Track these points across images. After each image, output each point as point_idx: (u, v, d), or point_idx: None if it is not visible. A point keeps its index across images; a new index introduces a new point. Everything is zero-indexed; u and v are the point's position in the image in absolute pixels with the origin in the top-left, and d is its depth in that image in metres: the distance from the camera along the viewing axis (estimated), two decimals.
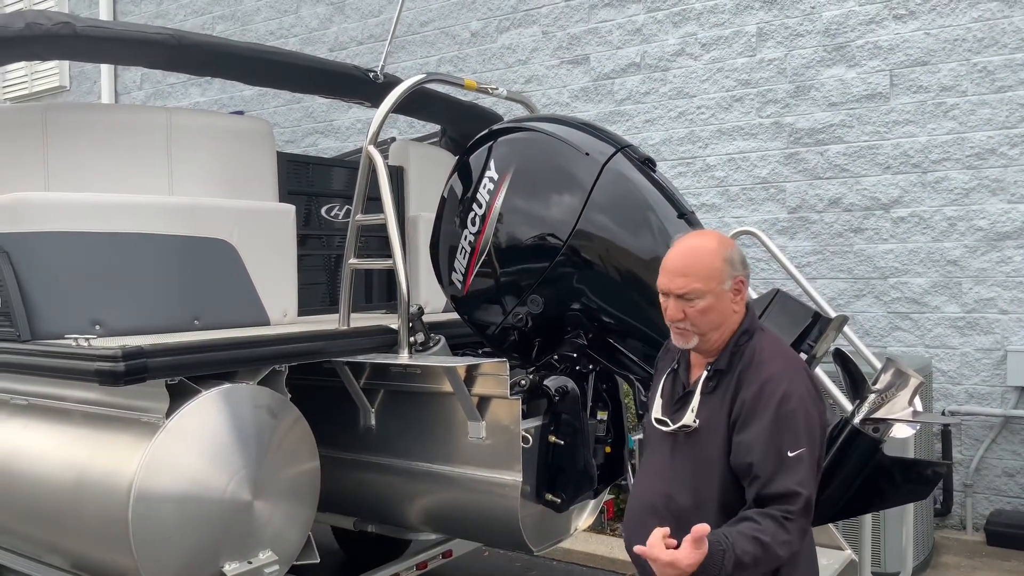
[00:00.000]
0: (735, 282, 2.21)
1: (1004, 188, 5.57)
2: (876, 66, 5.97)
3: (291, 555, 3.11)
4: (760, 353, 2.20)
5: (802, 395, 2.15)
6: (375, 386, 3.53)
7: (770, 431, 2.11)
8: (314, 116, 8.81)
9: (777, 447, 2.10)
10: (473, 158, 3.43)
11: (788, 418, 2.12)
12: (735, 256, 2.23)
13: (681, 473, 2.24)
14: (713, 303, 2.20)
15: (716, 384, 2.22)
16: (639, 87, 6.91)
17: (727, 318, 2.23)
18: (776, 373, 2.16)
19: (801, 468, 2.10)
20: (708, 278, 2.19)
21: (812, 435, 2.15)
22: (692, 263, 2.21)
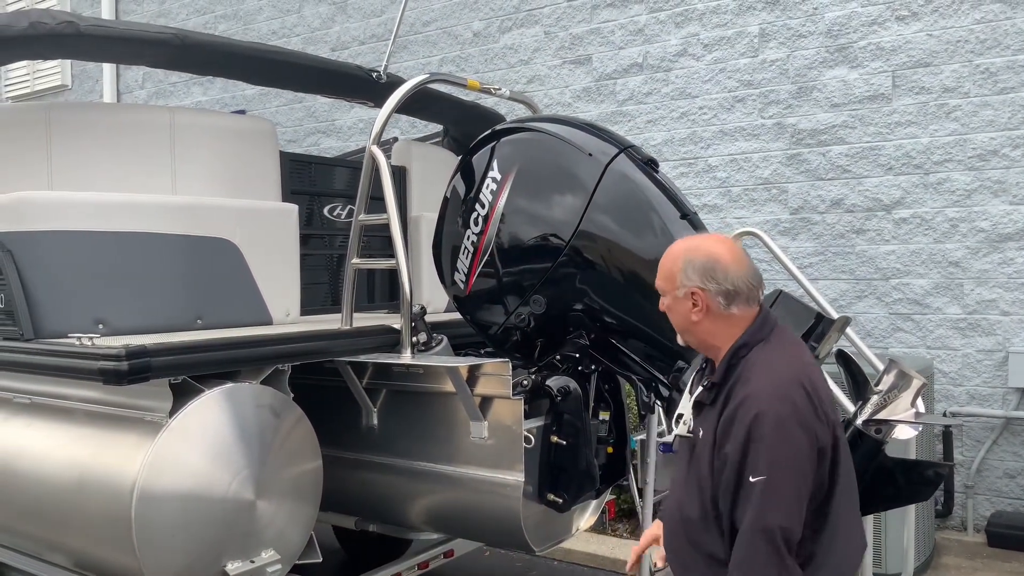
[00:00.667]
0: (688, 292, 2.16)
1: (1006, 190, 5.56)
2: (878, 67, 5.97)
3: (293, 554, 3.11)
4: (750, 369, 2.11)
5: (779, 416, 2.00)
6: (377, 386, 3.53)
7: (738, 453, 2.02)
8: (316, 116, 8.81)
9: (739, 471, 2.01)
10: (476, 158, 3.43)
11: (756, 441, 2.00)
12: (694, 267, 2.16)
13: (691, 481, 2.19)
14: (670, 304, 2.23)
15: (714, 397, 2.16)
16: (641, 87, 6.91)
17: (689, 325, 2.21)
18: (755, 392, 2.04)
19: (761, 497, 1.97)
20: (664, 279, 2.24)
21: (782, 461, 1.99)
22: (662, 262, 2.26)
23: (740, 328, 2.17)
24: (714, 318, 2.17)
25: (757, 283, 2.20)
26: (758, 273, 2.22)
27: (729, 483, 2.03)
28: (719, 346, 2.19)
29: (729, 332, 2.18)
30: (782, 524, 1.97)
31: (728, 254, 2.18)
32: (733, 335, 2.17)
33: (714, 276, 2.14)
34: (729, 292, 2.14)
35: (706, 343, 2.22)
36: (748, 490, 1.99)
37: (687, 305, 2.18)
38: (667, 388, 3.08)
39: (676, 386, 2.98)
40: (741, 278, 2.15)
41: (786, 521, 1.98)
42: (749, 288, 2.17)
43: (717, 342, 2.19)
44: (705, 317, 2.17)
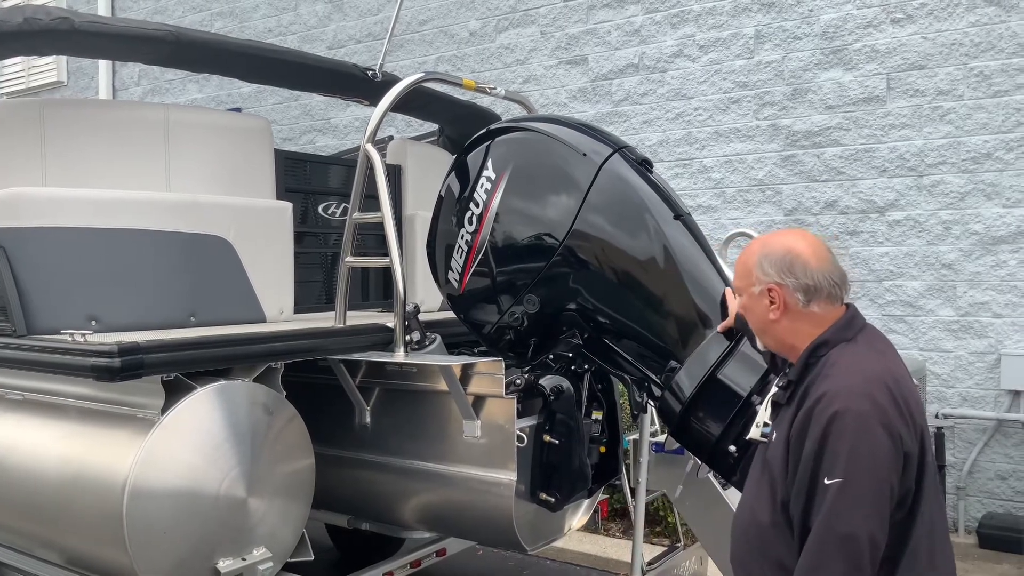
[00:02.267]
0: (765, 288, 2.04)
1: (999, 192, 5.59)
2: (873, 69, 5.99)
3: (285, 552, 3.11)
4: (831, 367, 1.96)
5: (859, 414, 1.85)
6: (371, 384, 3.53)
7: (812, 453, 1.87)
8: (312, 114, 8.81)
9: (814, 472, 1.86)
10: (471, 157, 3.43)
11: (833, 440, 1.85)
12: (771, 261, 2.04)
13: (761, 486, 2.07)
14: (747, 303, 2.12)
15: (790, 396, 2.03)
16: (637, 88, 6.92)
17: (768, 325, 2.08)
18: (834, 389, 1.90)
19: (835, 500, 1.82)
20: (740, 276, 2.14)
21: (861, 464, 1.83)
22: (739, 260, 2.15)
23: (820, 328, 2.02)
24: (793, 317, 2.03)
25: (840, 280, 2.05)
26: (842, 271, 2.07)
27: (802, 485, 1.89)
28: (799, 347, 2.05)
29: (809, 332, 2.03)
30: (857, 531, 1.82)
31: (808, 248, 2.04)
32: (813, 335, 2.02)
33: (792, 271, 2.01)
34: (809, 288, 2.00)
35: (785, 344, 2.09)
36: (822, 492, 1.84)
37: (764, 303, 2.06)
38: (659, 388, 3.08)
39: (668, 386, 2.99)
40: (822, 273, 2.01)
41: (862, 528, 1.82)
42: (831, 285, 2.02)
43: (797, 343, 2.05)
44: (783, 316, 2.04)
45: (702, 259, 3.11)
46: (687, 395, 2.93)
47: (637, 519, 3.82)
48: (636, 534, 3.81)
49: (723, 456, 2.90)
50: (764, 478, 2.07)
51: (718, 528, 3.72)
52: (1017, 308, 5.55)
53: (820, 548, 1.84)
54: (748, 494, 2.19)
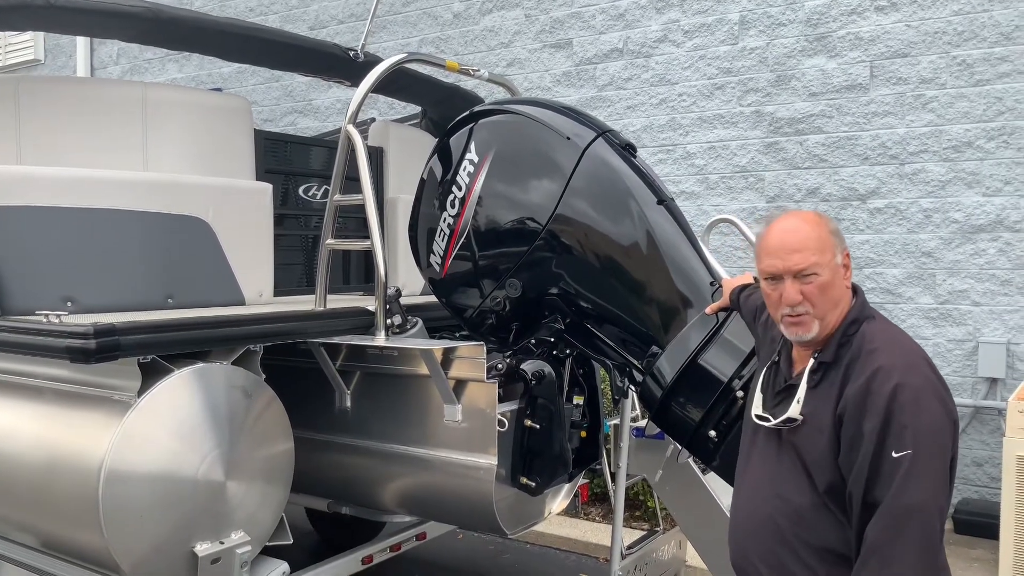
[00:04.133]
0: (844, 256, 2.04)
1: (980, 181, 5.62)
2: (857, 57, 6.00)
3: (264, 536, 3.09)
4: (870, 342, 1.97)
5: (918, 388, 1.88)
6: (351, 368, 3.51)
7: (877, 428, 1.87)
8: (293, 95, 8.72)
9: (881, 447, 1.86)
10: (453, 140, 3.40)
11: (898, 413, 1.86)
12: (835, 231, 2.05)
13: (792, 472, 2.04)
14: (830, 279, 2.02)
15: (822, 377, 2.01)
16: (621, 73, 6.90)
17: (842, 297, 2.04)
18: (888, 363, 1.91)
19: (907, 473, 1.83)
20: (822, 250, 2.01)
21: (927, 435, 1.86)
22: (804, 237, 2.03)
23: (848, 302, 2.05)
24: (850, 282, 2.07)
25: None
26: None
27: (866, 461, 1.87)
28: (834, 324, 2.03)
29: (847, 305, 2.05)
30: (929, 500, 1.84)
31: None
32: (847, 310, 2.04)
33: (843, 238, 2.07)
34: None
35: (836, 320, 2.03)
36: (892, 466, 1.84)
37: (842, 273, 2.03)
38: (641, 373, 3.08)
39: (649, 371, 2.99)
40: None
41: (936, 499, 1.85)
42: None
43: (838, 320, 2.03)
44: (850, 283, 2.07)
45: (685, 245, 3.10)
46: (668, 380, 2.93)
47: (617, 504, 3.83)
48: (616, 518, 3.82)
49: (703, 441, 2.90)
50: (792, 463, 2.04)
51: (697, 512, 3.74)
52: (995, 296, 5.60)
53: (895, 520, 1.84)
54: (760, 486, 2.15)
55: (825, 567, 1.99)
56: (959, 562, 5.00)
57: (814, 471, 2.00)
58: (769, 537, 2.08)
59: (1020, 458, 4.44)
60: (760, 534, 2.10)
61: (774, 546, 2.07)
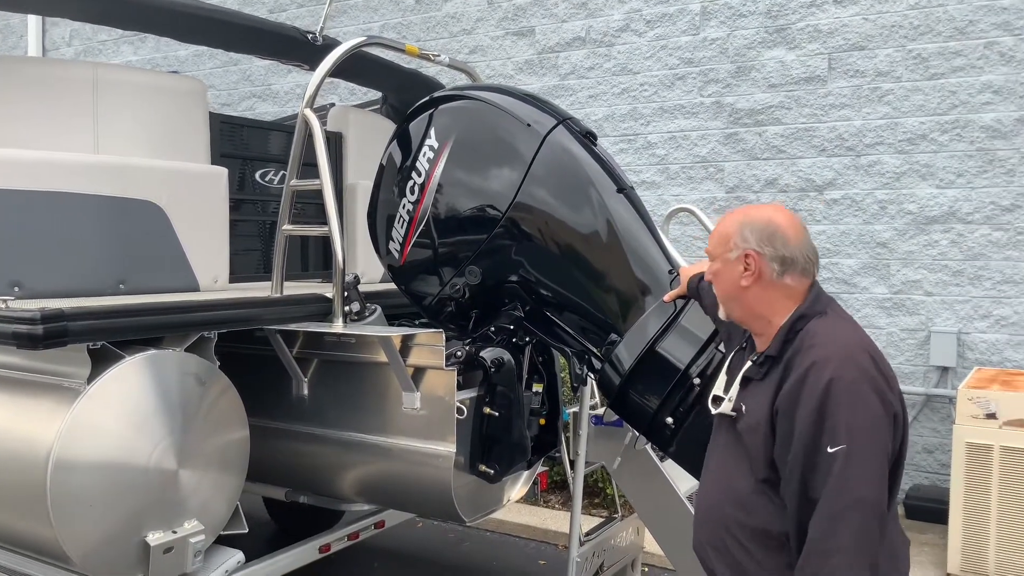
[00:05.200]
0: (741, 255, 2.07)
1: (933, 173, 5.72)
2: (815, 49, 6.06)
3: (218, 525, 3.05)
4: (812, 337, 1.99)
5: (853, 380, 1.89)
6: (308, 355, 3.47)
7: (811, 423, 1.88)
8: (252, 79, 8.58)
9: (816, 442, 1.88)
10: (413, 125, 3.37)
11: (832, 407, 1.87)
12: (752, 229, 2.07)
13: (737, 459, 2.09)
14: (719, 269, 2.14)
15: (767, 371, 2.05)
16: (583, 62, 6.90)
17: (740, 291, 2.10)
18: (823, 356, 1.93)
19: (842, 468, 1.85)
20: (717, 242, 2.15)
21: (861, 430, 1.87)
22: (717, 226, 2.18)
23: (791, 300, 2.07)
24: (764, 286, 2.07)
25: (814, 257, 2.10)
26: (815, 248, 2.12)
27: (799, 455, 1.90)
28: (767, 317, 2.08)
29: (779, 303, 2.07)
30: (866, 495, 1.85)
31: (788, 222, 2.09)
32: (784, 307, 2.06)
33: (772, 241, 2.05)
34: (785, 259, 2.05)
35: (753, 312, 2.11)
36: (827, 461, 1.85)
37: (738, 269, 2.08)
38: (599, 360, 3.09)
39: (608, 358, 3.00)
40: (799, 248, 2.06)
41: (872, 492, 1.86)
42: (806, 260, 2.07)
43: (765, 312, 2.08)
44: (755, 283, 2.07)
45: (644, 233, 3.11)
46: (626, 368, 2.94)
47: (576, 491, 3.84)
48: (575, 506, 3.83)
49: (660, 428, 2.92)
50: (737, 452, 2.09)
51: (656, 499, 3.77)
52: (947, 287, 5.71)
53: (832, 515, 1.86)
54: (715, 474, 2.19)
55: (763, 552, 2.02)
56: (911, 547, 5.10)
57: (753, 458, 2.04)
58: (717, 522, 2.12)
59: (970, 445, 4.55)
60: (710, 519, 2.15)
61: (720, 531, 2.11)
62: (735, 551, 2.07)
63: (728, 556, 2.09)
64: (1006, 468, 4.42)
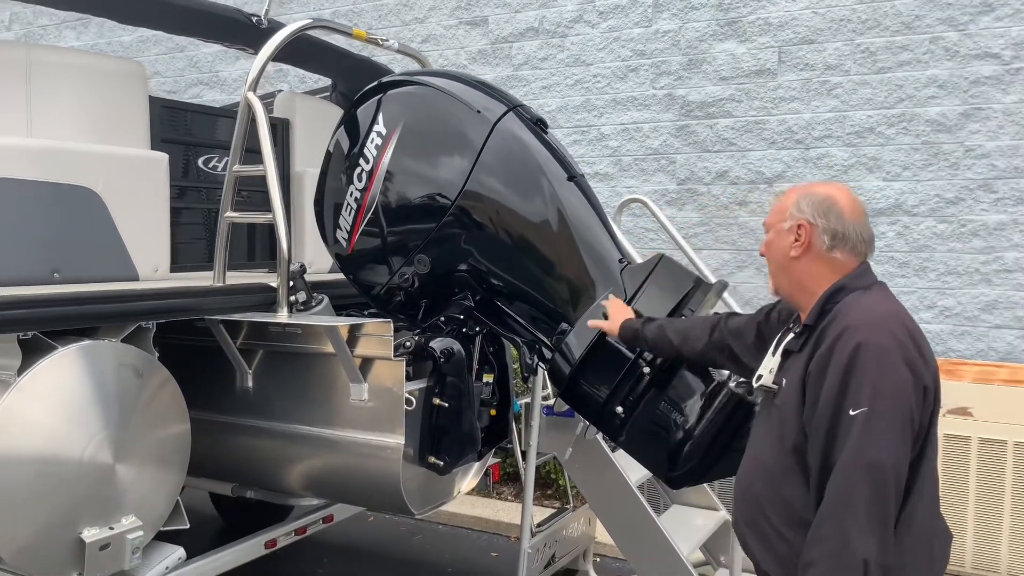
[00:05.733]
0: (794, 224, 2.10)
1: (880, 166, 5.80)
2: (766, 42, 6.10)
3: (158, 521, 2.96)
4: (848, 308, 2.01)
5: (880, 347, 1.90)
6: (253, 346, 3.39)
7: (836, 385, 1.91)
8: (198, 66, 8.39)
9: (840, 404, 1.90)
10: (361, 111, 3.31)
11: (857, 371, 1.89)
12: (809, 201, 2.10)
13: (770, 435, 2.10)
14: (772, 239, 2.17)
15: (803, 343, 2.07)
16: (537, 52, 6.86)
17: (788, 262, 2.12)
18: (855, 322, 1.95)
19: (862, 429, 1.86)
20: (775, 214, 2.19)
21: (885, 393, 1.87)
22: (775, 203, 2.22)
23: (838, 275, 2.08)
24: (813, 258, 2.09)
25: (868, 238, 2.11)
26: (872, 233, 2.14)
27: (823, 419, 1.92)
28: (812, 290, 2.09)
29: (826, 277, 2.08)
30: (883, 459, 1.85)
31: (847, 199, 2.11)
32: (830, 280, 2.08)
33: (827, 214, 2.08)
34: (837, 234, 2.07)
35: (799, 284, 2.12)
36: (847, 424, 1.87)
37: (789, 239, 2.11)
38: (550, 350, 3.07)
39: (558, 348, 2.97)
40: (853, 225, 2.08)
41: (890, 456, 1.86)
42: (858, 238, 2.09)
43: (812, 285, 2.10)
44: (804, 254, 2.10)
45: (595, 222, 3.10)
46: (576, 358, 2.92)
47: (527, 482, 3.82)
48: (526, 497, 3.81)
49: (610, 417, 2.91)
50: (772, 427, 2.10)
51: (607, 489, 3.76)
52: (893, 278, 5.80)
53: (847, 476, 1.87)
54: (750, 451, 2.22)
55: (792, 532, 2.01)
56: None
57: (786, 431, 2.04)
58: (750, 501, 2.13)
59: None
60: (745, 498, 2.16)
61: (752, 509, 2.12)
62: (767, 530, 2.07)
63: (761, 535, 2.10)
64: (948, 456, 4.50)
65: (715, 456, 2.85)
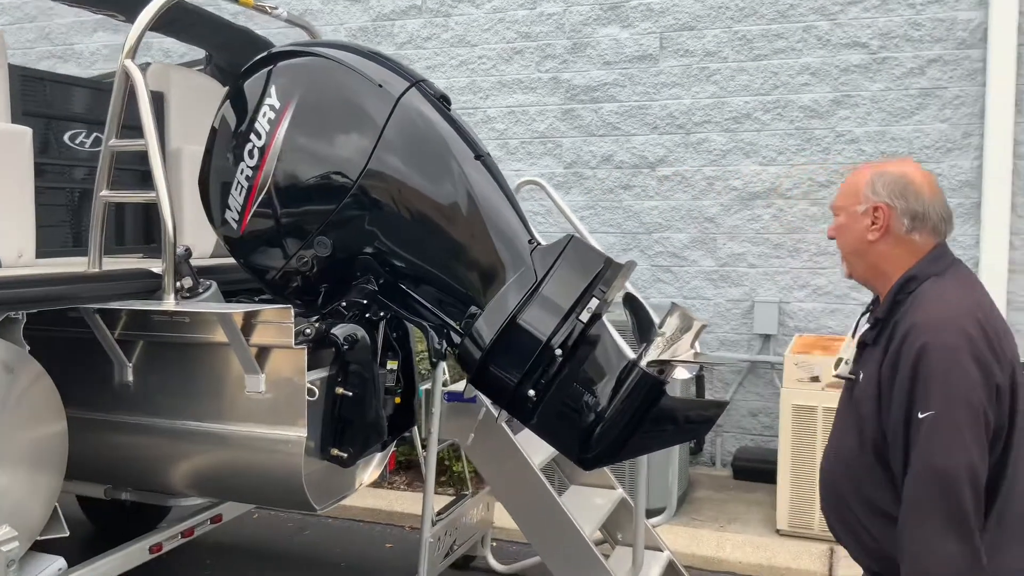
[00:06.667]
0: (871, 207, 2.05)
1: (757, 151, 6.02)
2: (648, 28, 6.20)
3: (34, 529, 2.69)
4: (919, 300, 1.97)
5: (947, 347, 1.86)
6: (133, 337, 3.13)
7: (905, 388, 1.90)
8: (51, 38, 7.74)
9: (908, 408, 1.89)
10: (249, 84, 3.10)
11: (923, 373, 1.87)
12: (884, 182, 2.05)
13: (851, 427, 2.07)
14: (845, 222, 2.11)
15: (877, 335, 2.05)
16: (420, 31, 6.71)
17: (864, 246, 2.07)
18: (923, 321, 1.92)
19: (930, 433, 1.84)
20: (845, 194, 2.13)
21: (953, 396, 1.84)
22: (847, 180, 2.16)
23: (916, 258, 2.03)
24: (892, 241, 2.04)
25: (948, 216, 2.05)
26: (950, 210, 2.07)
27: (898, 423, 1.90)
28: (890, 275, 2.05)
29: (904, 261, 2.04)
30: (953, 464, 1.83)
31: (922, 178, 2.05)
32: (908, 264, 2.03)
33: (904, 194, 2.02)
34: (917, 215, 2.02)
35: (877, 269, 2.08)
36: (916, 427, 1.86)
37: (865, 223, 2.05)
38: (459, 334, 2.98)
39: (468, 332, 2.89)
40: (932, 205, 2.02)
41: (962, 459, 1.83)
42: (938, 217, 2.03)
43: (888, 269, 2.06)
44: (882, 238, 2.04)
45: (503, 202, 3.02)
46: (487, 341, 2.85)
47: (428, 470, 3.72)
48: (427, 485, 3.72)
49: (523, 401, 2.86)
50: (851, 418, 2.07)
51: (510, 474, 3.73)
52: (769, 259, 6.04)
53: (918, 483, 1.86)
54: (833, 442, 2.20)
55: (878, 526, 2.01)
56: (739, 506, 5.39)
57: (865, 427, 2.02)
58: (835, 492, 2.13)
59: (796, 407, 4.83)
60: (830, 489, 2.16)
61: (837, 500, 2.12)
62: (852, 523, 2.07)
63: (848, 527, 2.09)
64: (829, 428, 4.72)
65: (626, 436, 2.85)
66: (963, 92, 5.55)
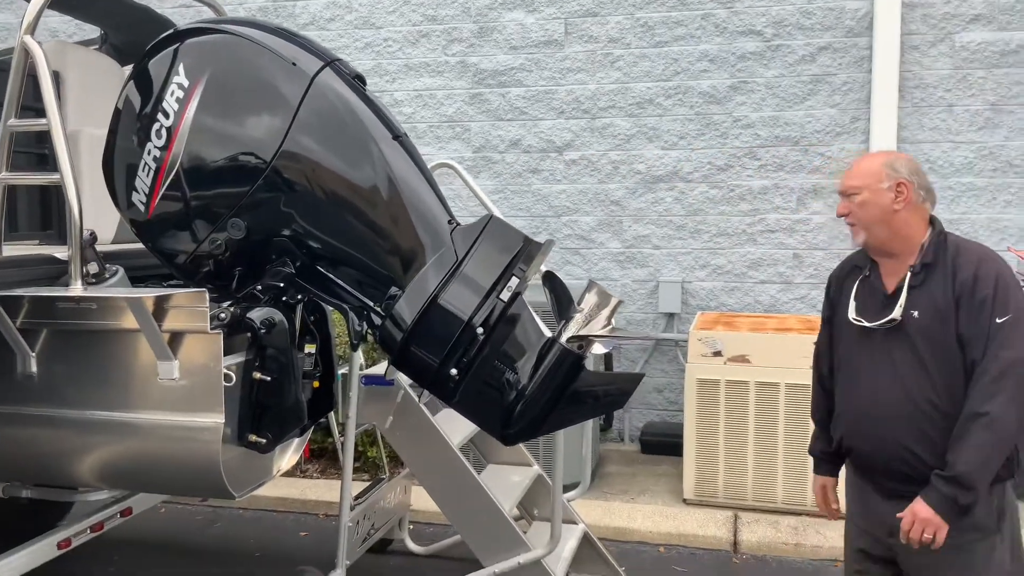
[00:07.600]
0: (895, 184, 2.56)
1: (659, 136, 6.18)
2: (552, 13, 6.27)
3: None
4: (965, 244, 2.58)
5: (1010, 275, 2.51)
6: (36, 326, 3.00)
7: (988, 301, 2.43)
8: None
9: (990, 315, 2.43)
10: (155, 62, 3.00)
11: (1002, 289, 2.45)
12: (902, 163, 2.60)
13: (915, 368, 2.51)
14: (869, 198, 2.58)
15: (925, 277, 2.53)
16: (323, 12, 6.60)
17: (889, 215, 2.56)
18: (988, 256, 2.54)
19: (1007, 333, 2.40)
20: (862, 176, 2.61)
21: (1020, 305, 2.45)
22: (856, 167, 2.65)
23: (925, 223, 2.60)
24: (911, 210, 2.57)
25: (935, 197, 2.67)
26: None
27: (982, 328, 2.42)
28: (909, 237, 2.57)
29: (919, 225, 2.59)
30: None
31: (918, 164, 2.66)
32: (920, 229, 2.59)
33: (918, 172, 2.61)
34: (927, 188, 2.62)
35: (899, 233, 2.57)
36: (996, 329, 2.41)
37: (890, 196, 2.56)
38: (380, 316, 2.97)
39: (389, 313, 2.89)
40: (930, 185, 2.65)
41: None
42: (934, 195, 2.65)
43: (909, 233, 2.58)
44: (905, 208, 2.56)
45: (421, 182, 3.03)
46: (408, 322, 2.85)
47: (346, 455, 3.71)
48: (345, 469, 3.70)
49: (445, 380, 2.88)
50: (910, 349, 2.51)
51: (429, 455, 3.75)
52: (672, 240, 6.23)
53: (996, 372, 2.40)
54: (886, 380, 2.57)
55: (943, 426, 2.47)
56: (648, 479, 5.56)
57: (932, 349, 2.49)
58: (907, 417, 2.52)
59: (700, 381, 5.01)
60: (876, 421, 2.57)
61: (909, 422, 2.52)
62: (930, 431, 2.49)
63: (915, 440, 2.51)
64: (730, 400, 4.93)
65: (547, 411, 2.91)
66: (851, 78, 5.85)
